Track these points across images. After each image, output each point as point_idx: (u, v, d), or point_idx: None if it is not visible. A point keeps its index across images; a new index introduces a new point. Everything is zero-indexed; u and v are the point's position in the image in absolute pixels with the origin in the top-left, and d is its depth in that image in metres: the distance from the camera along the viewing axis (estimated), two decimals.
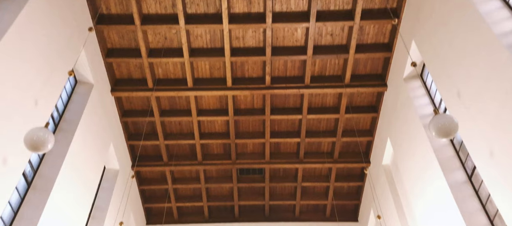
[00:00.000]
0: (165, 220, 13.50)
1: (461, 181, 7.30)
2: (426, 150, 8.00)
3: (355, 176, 12.66)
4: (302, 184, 12.68)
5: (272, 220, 13.72)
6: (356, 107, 11.04)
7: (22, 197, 7.26)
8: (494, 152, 5.83)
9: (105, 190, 10.26)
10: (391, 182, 10.39)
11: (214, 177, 12.91)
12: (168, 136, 11.63)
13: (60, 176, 7.69)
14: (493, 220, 6.67)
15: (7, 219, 6.87)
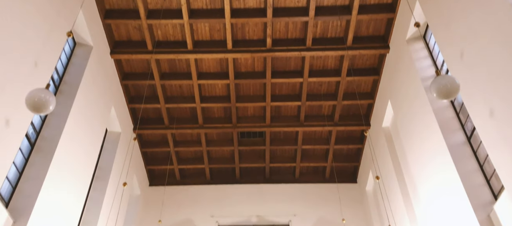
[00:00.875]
0: (168, 182, 13.77)
1: (460, 142, 7.37)
2: (427, 112, 8.03)
3: (355, 139, 12.78)
4: (302, 147, 12.83)
5: (272, 182, 14.00)
6: (358, 69, 10.97)
7: (26, 158, 7.38)
8: (494, 112, 5.85)
9: (108, 152, 10.40)
10: (391, 144, 10.50)
11: (215, 140, 13.03)
12: (169, 99, 11.64)
13: (62, 137, 7.78)
14: (490, 180, 6.79)
15: (13, 179, 7.02)
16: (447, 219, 7.48)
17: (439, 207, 7.82)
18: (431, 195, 8.14)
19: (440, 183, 7.67)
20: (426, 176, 8.32)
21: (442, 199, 7.66)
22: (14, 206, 6.83)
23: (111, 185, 10.08)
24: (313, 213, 13.37)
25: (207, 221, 13.48)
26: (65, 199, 7.98)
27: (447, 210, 7.48)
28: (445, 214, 7.56)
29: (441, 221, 7.73)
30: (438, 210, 7.86)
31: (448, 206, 7.43)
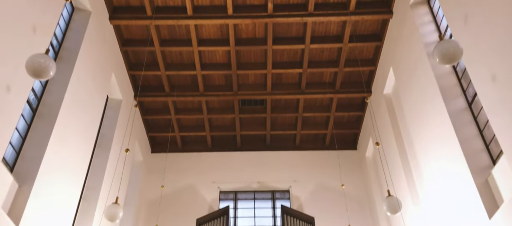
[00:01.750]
0: (170, 149, 13.91)
1: (461, 108, 7.38)
2: (428, 78, 7.99)
3: (355, 106, 12.80)
4: (303, 114, 12.87)
5: (273, 149, 14.14)
6: (360, 36, 10.84)
7: (29, 124, 7.42)
8: (496, 77, 5.82)
9: (110, 119, 10.46)
10: (391, 111, 10.53)
11: (216, 107, 13.06)
12: (169, 66, 11.58)
13: (64, 104, 7.80)
14: (489, 145, 6.85)
15: (16, 145, 7.09)
16: (446, 184, 7.60)
17: (437, 172, 7.93)
18: (430, 161, 8.23)
19: (439, 149, 7.74)
20: (425, 142, 8.39)
21: (441, 164, 7.76)
22: (19, 171, 6.94)
23: (113, 151, 10.19)
24: (312, 179, 13.59)
25: (209, 187, 13.73)
26: (69, 165, 8.10)
27: (445, 176, 7.59)
28: (444, 179, 7.67)
29: (440, 186, 7.86)
30: (436, 176, 7.98)
31: (446, 171, 7.53)
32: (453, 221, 7.35)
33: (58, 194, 7.68)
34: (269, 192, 14.14)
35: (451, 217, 7.41)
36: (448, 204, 7.52)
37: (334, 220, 12.63)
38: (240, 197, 14.21)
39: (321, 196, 13.33)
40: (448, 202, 7.53)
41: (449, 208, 7.50)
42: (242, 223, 13.74)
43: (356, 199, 13.06)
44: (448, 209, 7.54)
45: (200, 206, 13.31)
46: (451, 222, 7.43)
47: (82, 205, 9.18)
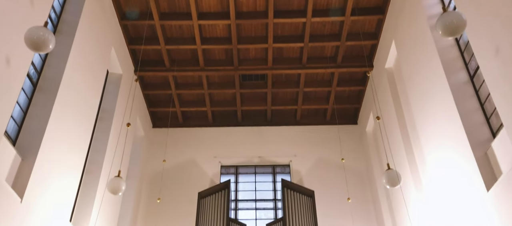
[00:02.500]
0: (171, 124, 13.97)
1: (462, 81, 7.35)
2: (431, 51, 7.92)
3: (357, 80, 12.75)
4: (304, 89, 12.84)
5: (274, 124, 14.19)
6: (363, 9, 10.68)
7: (30, 98, 7.42)
8: (499, 49, 5.76)
9: (110, 93, 10.46)
10: (393, 85, 10.49)
11: (216, 82, 13.02)
12: (169, 40, 11.47)
13: (64, 78, 7.77)
14: (489, 118, 6.86)
15: (18, 119, 7.11)
16: (445, 158, 7.65)
17: (437, 146, 7.97)
18: (430, 135, 8.27)
19: (440, 122, 7.75)
20: (426, 115, 8.39)
21: (441, 138, 7.79)
22: (21, 144, 6.99)
23: (114, 126, 10.24)
24: (313, 153, 13.69)
25: (210, 161, 13.86)
26: (70, 138, 8.15)
27: (445, 150, 7.63)
28: (443, 153, 7.72)
29: (439, 160, 7.91)
30: (436, 149, 8.03)
31: (446, 145, 7.57)
32: (451, 194, 7.44)
33: (61, 168, 7.76)
34: (270, 167, 14.28)
35: (449, 190, 7.50)
36: (447, 178, 7.59)
37: (333, 194, 12.81)
38: (241, 171, 14.37)
39: (321, 170, 13.47)
40: (447, 176, 7.60)
41: (447, 182, 7.58)
42: (243, 197, 13.95)
43: (356, 173, 13.19)
44: (446, 183, 7.62)
45: (201, 180, 13.48)
46: (449, 195, 7.53)
47: (85, 179, 9.30)
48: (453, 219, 7.36)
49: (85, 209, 8.93)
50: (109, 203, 9.99)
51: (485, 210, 6.28)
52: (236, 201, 13.79)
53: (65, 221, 7.96)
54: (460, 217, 7.11)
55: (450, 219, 7.51)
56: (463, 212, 7.01)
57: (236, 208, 13.70)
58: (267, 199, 13.86)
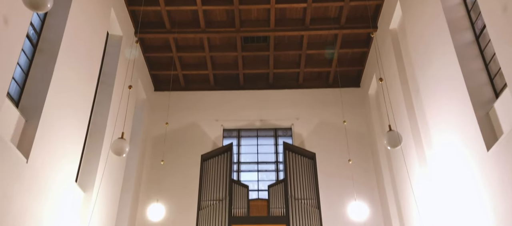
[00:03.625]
0: (172, 87, 13.95)
1: (468, 41, 7.23)
2: (436, 10, 7.74)
3: (360, 42, 12.58)
4: (307, 51, 12.69)
5: (276, 88, 14.15)
6: None
7: (30, 59, 7.38)
8: (507, 7, 5.62)
9: (111, 56, 10.38)
10: (397, 46, 10.35)
11: (218, 45, 12.88)
12: (169, 1, 11.23)
13: (64, 39, 7.69)
14: (493, 79, 6.80)
15: (19, 80, 7.10)
16: (447, 119, 7.66)
17: (439, 107, 7.96)
18: (432, 96, 8.24)
19: (443, 83, 7.70)
20: (429, 76, 8.33)
21: (443, 99, 7.76)
22: (24, 106, 7.02)
23: (116, 88, 10.23)
24: (315, 116, 13.74)
25: (212, 125, 13.95)
26: (73, 100, 8.17)
27: (447, 110, 7.63)
28: (445, 113, 7.72)
29: (441, 120, 7.92)
30: (438, 110, 8.02)
31: (448, 105, 7.55)
32: (451, 154, 7.50)
33: (65, 130, 7.83)
34: (272, 130, 14.38)
35: (450, 151, 7.55)
36: (448, 139, 7.63)
37: (334, 156, 12.96)
38: (243, 134, 14.49)
39: (323, 133, 13.56)
40: (448, 137, 7.64)
41: (448, 143, 7.63)
42: (245, 159, 14.14)
43: (357, 135, 13.28)
44: (447, 144, 7.67)
45: (204, 143, 13.62)
46: (449, 155, 7.59)
47: (88, 141, 9.40)
48: (453, 179, 7.47)
49: (90, 170, 9.09)
50: (114, 165, 10.15)
51: (484, 169, 6.35)
52: (239, 164, 13.99)
53: (71, 182, 8.12)
54: (459, 177, 7.21)
55: (450, 179, 7.62)
56: (463, 172, 7.09)
57: (238, 170, 13.92)
58: (269, 161, 14.06)
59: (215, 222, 11.04)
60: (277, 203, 11.39)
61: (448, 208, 7.69)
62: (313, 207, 11.25)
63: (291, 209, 11.13)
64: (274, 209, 11.30)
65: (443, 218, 7.95)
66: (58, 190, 7.47)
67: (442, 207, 8.06)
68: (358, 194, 11.20)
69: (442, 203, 8.03)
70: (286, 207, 11.18)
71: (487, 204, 6.26)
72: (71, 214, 8.03)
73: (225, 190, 11.56)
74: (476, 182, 6.62)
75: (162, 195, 11.96)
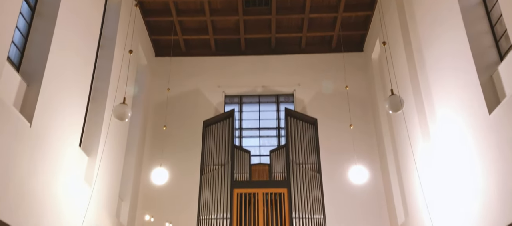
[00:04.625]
0: (173, 53, 13.83)
1: (474, 3, 7.06)
2: None
3: (364, 5, 12.32)
4: (310, 15, 12.47)
5: (278, 53, 14.01)
6: None
7: (29, 23, 7.28)
8: None
9: (111, 20, 10.22)
10: (401, 9, 10.13)
11: (219, 9, 12.64)
12: None
13: (62, 2, 7.55)
14: (499, 41, 6.69)
15: (19, 44, 7.04)
16: (450, 82, 7.60)
17: (442, 70, 7.89)
18: (436, 59, 8.15)
19: (447, 46, 7.59)
20: (433, 39, 8.21)
21: (447, 62, 7.68)
22: (25, 70, 6.99)
23: (117, 53, 10.15)
24: (317, 82, 13.68)
25: (214, 91, 13.94)
26: (74, 65, 8.12)
27: (450, 73, 7.56)
28: (448, 77, 7.66)
29: (444, 84, 7.88)
30: (441, 74, 7.96)
31: (452, 68, 7.48)
32: (453, 118, 7.51)
33: (67, 94, 7.84)
34: (273, 96, 14.37)
35: (452, 114, 7.55)
36: (450, 103, 7.61)
37: (336, 121, 13.00)
38: (245, 100, 14.49)
39: (325, 98, 13.55)
40: (450, 101, 7.61)
41: (450, 106, 7.61)
42: (247, 125, 14.22)
43: (359, 100, 13.27)
44: (449, 107, 7.66)
45: (206, 109, 13.66)
46: (451, 119, 7.60)
47: (91, 106, 9.43)
48: (454, 143, 7.51)
49: (93, 135, 9.17)
50: (117, 130, 10.23)
51: (485, 133, 6.36)
52: (240, 130, 14.09)
53: (75, 147, 8.21)
54: (460, 140, 7.24)
55: (450, 143, 7.66)
56: (464, 135, 7.12)
57: (240, 136, 14.02)
58: (270, 127, 14.14)
59: (218, 186, 11.24)
60: (279, 167, 11.55)
61: (448, 171, 7.79)
62: (314, 171, 11.41)
63: (292, 174, 11.30)
64: (275, 174, 11.48)
65: (443, 181, 8.06)
66: (62, 155, 7.57)
67: (442, 171, 8.16)
68: (359, 158, 11.32)
69: (443, 166, 8.12)
70: (287, 172, 11.34)
71: (487, 167, 6.32)
72: (76, 178, 8.18)
73: (227, 155, 11.70)
74: (476, 146, 6.65)
75: (165, 160, 12.12)
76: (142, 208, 11.99)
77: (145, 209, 11.86)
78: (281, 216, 10.76)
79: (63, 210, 7.52)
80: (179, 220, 11.74)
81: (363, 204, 12.09)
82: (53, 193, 7.21)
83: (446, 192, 7.85)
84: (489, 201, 6.22)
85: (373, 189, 12.19)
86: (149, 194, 12.28)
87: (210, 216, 10.78)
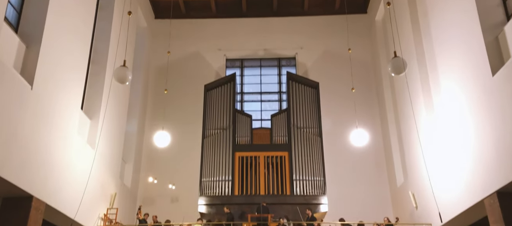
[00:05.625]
0: (173, 15, 13.56)
1: None
2: None
3: None
4: None
5: (280, 15, 13.75)
6: None
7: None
8: None
9: None
10: None
11: None
12: None
13: None
14: (507, 0, 6.52)
15: (16, 4, 6.90)
16: (454, 43, 7.48)
17: (447, 30, 7.74)
18: (440, 19, 7.98)
19: (452, 5, 7.41)
20: (440, 3, 8.00)
21: (452, 22, 7.52)
22: (24, 32, 6.89)
23: (116, 15, 9.98)
24: (319, 45, 13.51)
25: (215, 54, 13.80)
26: (73, 27, 8.00)
27: (455, 34, 7.43)
28: (453, 38, 7.53)
29: (448, 45, 7.76)
30: (446, 35, 7.82)
31: (456, 29, 7.34)
32: (456, 80, 7.44)
33: (67, 56, 7.77)
34: (275, 60, 14.24)
35: (455, 77, 7.47)
36: (453, 64, 7.52)
37: (338, 85, 12.95)
38: (246, 64, 14.38)
39: (327, 62, 13.43)
40: (453, 63, 7.52)
41: (453, 69, 7.53)
42: (248, 90, 14.18)
43: (361, 64, 13.15)
44: (452, 70, 7.57)
45: (207, 73, 13.57)
46: (454, 81, 7.53)
47: (91, 68, 9.38)
48: (456, 105, 7.48)
49: (95, 98, 9.18)
50: (118, 93, 10.22)
51: (488, 95, 6.31)
52: (242, 94, 14.06)
53: (77, 109, 8.23)
54: (463, 102, 7.20)
55: (452, 105, 7.63)
56: (466, 97, 7.06)
57: (241, 100, 14.02)
58: (272, 91, 14.10)
59: (220, 149, 11.36)
60: (280, 131, 11.63)
61: (449, 133, 7.81)
62: (315, 135, 11.49)
63: (293, 137, 11.39)
64: (276, 138, 11.57)
65: (443, 143, 8.11)
66: (64, 117, 7.60)
67: (443, 133, 8.19)
68: (360, 121, 11.34)
69: (444, 128, 8.14)
70: (288, 136, 11.42)
71: (487, 129, 6.32)
72: (79, 141, 8.25)
73: (229, 119, 11.75)
74: (478, 107, 6.62)
75: (167, 124, 12.17)
76: (145, 170, 12.19)
77: (149, 171, 12.05)
78: (282, 179, 10.94)
79: (67, 172, 7.65)
80: (182, 182, 11.96)
81: (363, 167, 12.25)
82: (57, 155, 7.30)
83: (445, 154, 7.92)
84: (489, 161, 6.28)
85: (373, 152, 12.30)
86: (152, 156, 12.44)
87: (212, 178, 10.96)
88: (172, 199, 12.01)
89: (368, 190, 11.93)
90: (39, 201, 6.64)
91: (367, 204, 11.50)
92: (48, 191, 6.90)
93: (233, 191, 10.70)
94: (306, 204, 10.26)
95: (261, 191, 10.76)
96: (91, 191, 8.36)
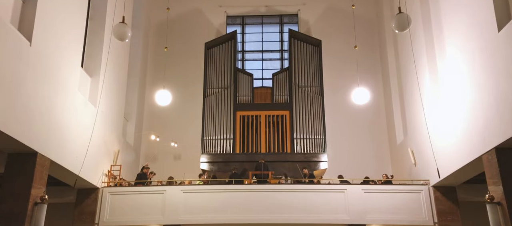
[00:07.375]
0: None
1: None
2: None
3: None
4: None
5: None
6: None
7: None
8: None
9: None
10: None
11: None
12: None
13: None
14: None
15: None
16: (459, 2, 7.29)
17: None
18: None
19: None
20: None
21: None
22: None
23: None
24: (322, 1, 13.19)
25: (215, 11, 13.52)
26: None
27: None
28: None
29: (452, 4, 7.56)
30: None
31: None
32: (461, 36, 7.30)
33: (65, 12, 7.60)
34: (277, 16, 13.96)
35: (460, 32, 7.33)
36: (459, 20, 7.35)
37: (340, 43, 12.78)
38: (248, 21, 14.11)
39: (330, 19, 13.17)
40: (459, 17, 7.35)
41: (459, 24, 7.37)
42: (249, 48, 14.01)
43: (365, 21, 12.90)
44: (458, 25, 7.41)
45: (207, 30, 13.36)
46: (459, 37, 7.40)
47: (90, 25, 9.22)
48: (460, 61, 7.38)
49: (94, 55, 9.09)
50: (118, 50, 10.11)
51: (494, 50, 6.21)
52: (243, 52, 13.90)
53: (77, 67, 8.17)
54: (467, 59, 7.10)
55: (457, 62, 7.53)
56: (471, 53, 6.96)
57: (243, 58, 13.88)
58: (273, 50, 13.93)
59: (221, 108, 11.40)
60: (281, 90, 11.61)
61: (451, 91, 7.77)
62: (316, 94, 11.47)
63: (295, 96, 11.39)
64: (278, 97, 11.57)
65: (445, 100, 8.09)
66: (64, 75, 7.55)
67: (445, 90, 8.15)
68: (362, 79, 11.29)
69: (446, 86, 8.09)
70: (289, 95, 11.42)
71: (491, 85, 6.27)
72: (81, 98, 8.25)
73: (230, 78, 11.70)
74: (482, 64, 6.53)
75: (168, 82, 12.14)
76: (147, 128, 12.30)
77: (151, 129, 12.17)
78: (282, 137, 11.05)
79: (70, 129, 7.70)
80: (183, 140, 12.10)
81: (363, 125, 12.33)
82: (60, 113, 7.33)
83: (447, 111, 7.92)
84: (489, 118, 6.28)
85: (374, 110, 12.34)
86: (154, 114, 12.51)
87: (213, 136, 11.07)
88: (174, 156, 12.20)
89: (368, 148, 12.09)
90: (44, 157, 6.74)
91: (367, 162, 11.69)
92: (52, 147, 6.99)
93: (234, 149, 10.84)
94: (306, 162, 10.43)
95: (262, 150, 10.90)
96: (94, 148, 8.47)
